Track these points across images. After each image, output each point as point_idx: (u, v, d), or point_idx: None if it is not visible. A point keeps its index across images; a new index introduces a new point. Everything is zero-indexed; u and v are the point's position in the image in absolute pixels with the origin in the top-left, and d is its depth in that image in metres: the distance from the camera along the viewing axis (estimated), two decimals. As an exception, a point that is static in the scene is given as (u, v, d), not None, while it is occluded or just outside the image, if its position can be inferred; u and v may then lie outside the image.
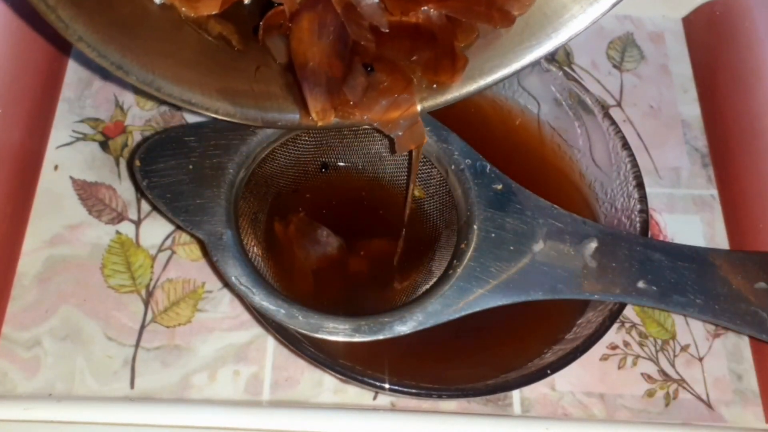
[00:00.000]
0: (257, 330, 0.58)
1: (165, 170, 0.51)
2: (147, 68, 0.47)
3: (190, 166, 0.51)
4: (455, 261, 0.51)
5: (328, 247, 0.56)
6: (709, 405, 0.57)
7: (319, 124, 0.49)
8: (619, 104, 0.69)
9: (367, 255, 0.56)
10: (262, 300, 0.48)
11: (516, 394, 0.56)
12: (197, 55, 0.50)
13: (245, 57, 0.51)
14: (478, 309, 0.49)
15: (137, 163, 0.51)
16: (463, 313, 0.49)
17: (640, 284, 0.50)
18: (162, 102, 0.67)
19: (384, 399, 0.56)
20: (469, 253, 0.51)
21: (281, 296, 0.49)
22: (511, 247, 0.51)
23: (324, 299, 0.55)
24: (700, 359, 0.58)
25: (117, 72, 0.46)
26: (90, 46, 0.45)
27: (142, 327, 0.58)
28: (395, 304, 0.53)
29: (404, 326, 0.49)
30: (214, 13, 0.49)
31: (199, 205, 0.50)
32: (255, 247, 0.54)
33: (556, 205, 0.53)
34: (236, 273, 0.49)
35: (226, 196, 0.51)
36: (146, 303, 0.59)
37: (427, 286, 0.53)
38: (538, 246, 0.51)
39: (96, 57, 0.45)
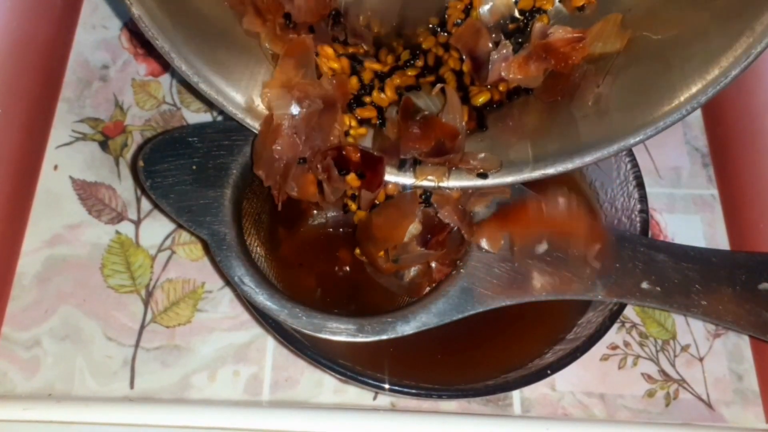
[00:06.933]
0: (257, 330, 0.58)
1: (168, 170, 0.51)
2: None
3: (194, 167, 0.51)
4: (459, 262, 0.51)
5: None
6: (709, 405, 0.57)
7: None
8: (618, 104, 0.69)
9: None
10: (265, 300, 0.48)
11: (516, 395, 0.56)
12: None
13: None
14: (481, 309, 0.50)
15: (140, 163, 0.51)
16: (466, 314, 0.49)
17: (644, 285, 0.50)
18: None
19: (384, 399, 0.56)
20: (473, 254, 0.51)
21: (285, 296, 0.49)
22: (515, 248, 0.51)
23: (327, 299, 0.55)
24: (701, 359, 0.58)
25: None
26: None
27: (142, 327, 0.58)
28: (399, 304, 0.53)
29: (407, 326, 0.49)
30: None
31: (203, 205, 0.50)
32: (258, 248, 0.54)
33: (559, 206, 0.53)
34: (239, 273, 0.49)
35: (229, 196, 0.51)
36: (146, 303, 0.59)
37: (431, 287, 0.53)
38: (542, 247, 0.51)
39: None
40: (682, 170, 0.66)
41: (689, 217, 0.64)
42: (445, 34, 0.55)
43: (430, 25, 0.55)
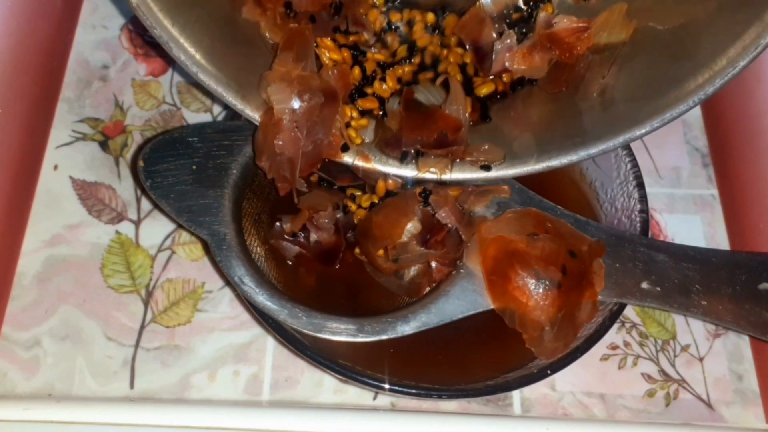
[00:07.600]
0: (257, 330, 0.58)
1: (168, 171, 0.51)
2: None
3: (194, 167, 0.51)
4: (459, 261, 0.51)
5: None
6: (709, 405, 0.57)
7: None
8: (619, 104, 0.69)
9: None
10: (265, 300, 0.48)
11: (516, 395, 0.56)
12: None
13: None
14: (481, 309, 0.50)
15: (140, 163, 0.51)
16: (466, 314, 0.49)
17: (644, 285, 0.50)
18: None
19: (384, 399, 0.56)
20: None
21: (284, 296, 0.49)
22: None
23: (327, 299, 0.55)
24: (701, 359, 0.58)
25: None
26: None
27: (142, 327, 0.58)
28: (399, 304, 0.53)
29: (407, 326, 0.49)
30: None
31: (203, 205, 0.50)
32: (258, 248, 0.54)
33: (559, 206, 0.53)
34: (239, 273, 0.49)
35: (229, 196, 0.51)
36: (146, 303, 0.59)
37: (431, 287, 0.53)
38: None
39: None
40: (682, 170, 0.66)
41: (689, 217, 0.64)
42: (441, 34, 0.55)
43: (427, 24, 0.55)
